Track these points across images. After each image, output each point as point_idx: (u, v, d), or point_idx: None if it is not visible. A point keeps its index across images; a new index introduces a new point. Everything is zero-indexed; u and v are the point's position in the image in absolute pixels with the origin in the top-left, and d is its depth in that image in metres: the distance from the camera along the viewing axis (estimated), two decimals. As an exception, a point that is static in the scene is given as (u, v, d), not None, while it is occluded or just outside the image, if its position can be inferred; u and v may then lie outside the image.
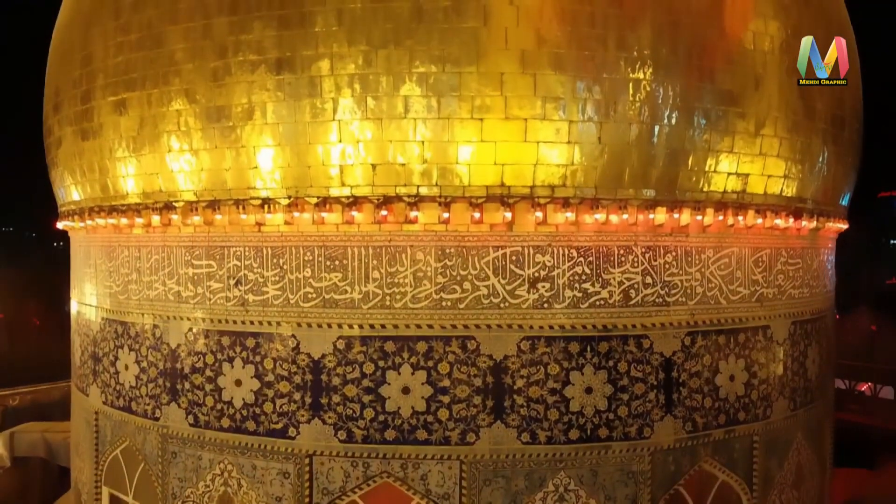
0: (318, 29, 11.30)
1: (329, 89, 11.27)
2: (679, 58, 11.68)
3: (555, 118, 11.23)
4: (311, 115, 11.36)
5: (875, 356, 44.57)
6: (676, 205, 12.06)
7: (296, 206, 11.69)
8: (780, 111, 12.71)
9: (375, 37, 11.14)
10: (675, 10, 11.73)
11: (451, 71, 11.07)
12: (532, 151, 11.26)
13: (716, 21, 12.12)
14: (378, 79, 11.15)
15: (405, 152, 11.23)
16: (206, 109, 11.90)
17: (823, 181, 14.01)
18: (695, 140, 11.95)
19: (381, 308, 11.64)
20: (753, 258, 13.12)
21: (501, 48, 11.08)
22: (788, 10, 12.91)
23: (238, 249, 12.25)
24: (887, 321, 47.61)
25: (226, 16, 11.71)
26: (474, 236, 11.56)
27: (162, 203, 12.72)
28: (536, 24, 11.15)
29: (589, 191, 11.56)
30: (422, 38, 11.09)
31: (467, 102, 11.09)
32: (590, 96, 11.32)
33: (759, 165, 12.64)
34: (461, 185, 11.32)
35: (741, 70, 12.22)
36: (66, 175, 14.84)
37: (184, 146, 12.19)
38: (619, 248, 11.94)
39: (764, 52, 12.50)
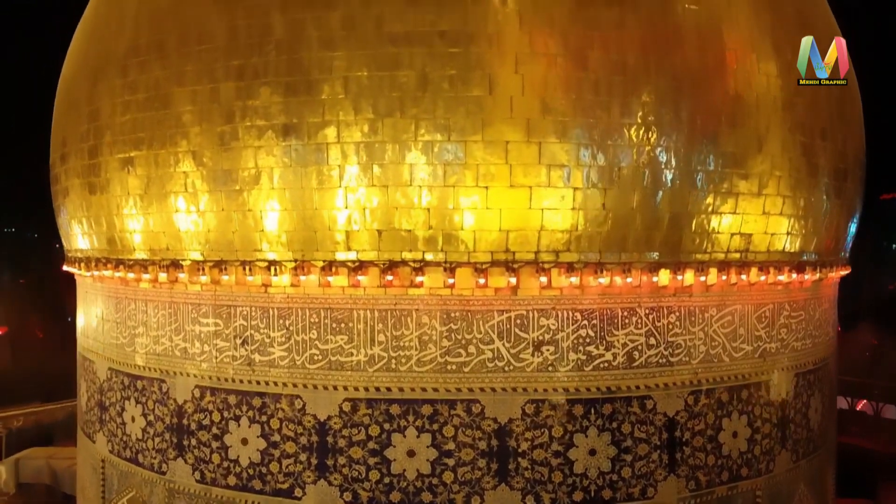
0: (325, 96, 11.39)
1: (335, 156, 11.36)
2: (682, 122, 11.76)
3: (559, 185, 11.31)
4: (317, 182, 11.46)
5: (877, 371, 43.81)
6: (680, 266, 12.14)
7: (302, 270, 11.79)
8: (783, 170, 12.79)
9: (381, 105, 11.23)
10: (678, 74, 11.81)
11: (456, 140, 11.16)
12: (536, 218, 11.35)
13: (718, 83, 12.20)
14: (384, 147, 11.24)
15: (410, 219, 11.32)
16: (213, 172, 12.00)
17: (826, 233, 14.08)
18: (698, 202, 12.04)
19: (386, 371, 11.73)
20: (756, 314, 13.20)
21: (506, 117, 11.17)
22: (791, 67, 12.96)
23: (244, 309, 12.34)
24: (890, 332, 46.64)
25: (233, 81, 11.80)
26: (479, 300, 11.65)
27: (169, 261, 12.81)
28: (541, 93, 11.23)
29: (593, 255, 11.65)
30: (427, 106, 11.17)
31: (472, 171, 11.18)
32: (594, 163, 11.41)
33: (762, 224, 12.72)
34: (466, 250, 11.41)
35: (744, 131, 12.29)
36: (72, 224, 14.94)
37: (191, 207, 12.28)
38: (623, 309, 12.03)
39: (767, 111, 12.58)
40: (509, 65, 11.20)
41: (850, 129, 14.46)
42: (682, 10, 12.08)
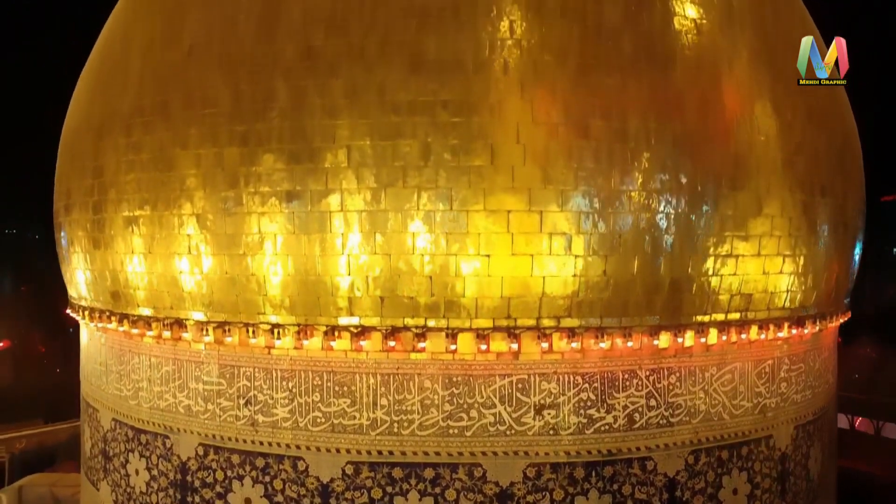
0: (328, 164, 11.47)
1: (338, 224, 11.44)
2: (682, 187, 11.84)
3: (561, 253, 11.40)
4: (320, 249, 11.54)
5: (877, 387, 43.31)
6: (681, 328, 12.23)
7: (305, 334, 11.88)
8: (783, 229, 12.87)
9: (384, 175, 11.31)
10: (678, 140, 11.90)
11: (458, 209, 11.24)
12: (538, 285, 11.43)
13: (719, 147, 12.28)
14: (386, 215, 11.33)
15: (413, 286, 11.41)
16: (216, 236, 12.09)
17: (826, 286, 14.16)
18: (699, 266, 12.12)
19: (389, 435, 11.82)
20: (756, 370, 13.28)
21: (508, 186, 11.25)
22: (791, 127, 13.05)
23: (248, 370, 12.44)
24: (891, 344, 45.95)
25: (237, 146, 11.88)
26: (481, 365, 11.74)
27: (172, 319, 12.90)
28: (542, 162, 11.31)
29: (594, 320, 11.74)
30: (429, 176, 11.26)
31: (474, 239, 11.26)
32: (595, 230, 11.49)
33: (762, 284, 12.79)
34: (468, 317, 11.49)
35: (744, 194, 12.37)
36: (76, 273, 15.04)
37: (194, 269, 12.37)
38: (624, 372, 12.12)
39: (767, 172, 12.66)
40: (511, 134, 11.28)
41: (851, 182, 14.54)
42: (683, 75, 12.14)
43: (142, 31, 13.74)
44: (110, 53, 14.47)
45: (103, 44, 15.05)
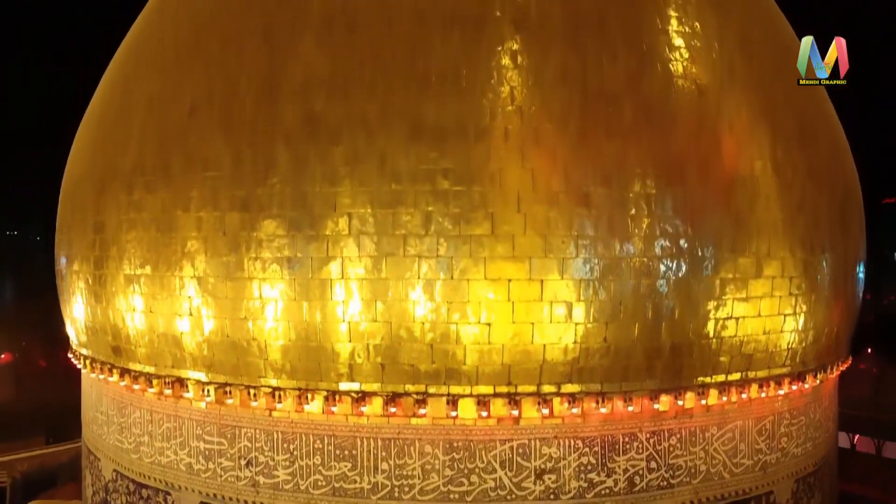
0: (328, 232, 11.49)
1: (339, 292, 11.46)
2: (683, 253, 11.86)
3: (561, 321, 11.41)
4: (321, 316, 11.56)
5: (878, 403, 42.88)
6: (681, 391, 12.24)
7: (305, 398, 11.91)
8: (783, 289, 12.87)
9: (384, 243, 11.33)
10: (680, 206, 11.92)
11: (458, 278, 11.25)
12: (538, 352, 11.45)
13: (720, 211, 12.29)
14: (387, 284, 11.34)
15: (414, 354, 11.43)
16: (217, 300, 12.11)
17: (826, 339, 14.16)
18: (699, 330, 12.13)
19: (389, 499, 11.85)
20: (757, 428, 13.29)
21: (509, 256, 11.27)
22: (792, 186, 13.05)
23: (249, 431, 12.46)
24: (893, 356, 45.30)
25: (237, 211, 11.89)
26: (481, 430, 11.76)
27: (174, 378, 12.92)
28: (543, 231, 11.32)
29: (595, 386, 11.76)
30: (430, 245, 11.27)
31: (475, 308, 11.28)
32: (595, 298, 11.50)
33: (762, 344, 12.80)
34: (468, 383, 11.52)
35: (745, 257, 12.36)
36: (77, 323, 15.06)
37: (196, 331, 12.39)
38: (625, 435, 12.13)
39: (768, 234, 12.65)
40: (511, 203, 11.29)
41: (852, 234, 14.54)
42: (684, 139, 12.15)
43: (143, 86, 13.75)
44: (111, 106, 14.48)
45: (104, 95, 15.05)
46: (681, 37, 12.88)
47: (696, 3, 13.40)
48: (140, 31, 15.05)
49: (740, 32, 13.68)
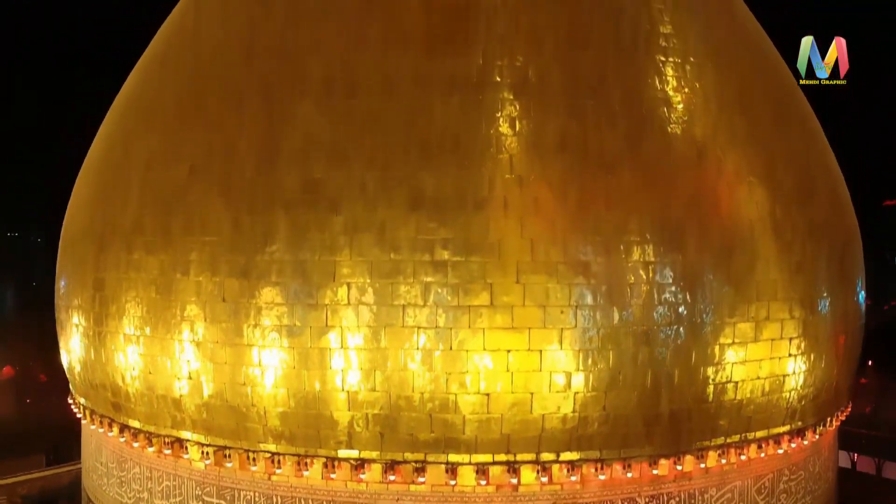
0: (328, 301, 11.50)
1: (338, 361, 11.48)
2: (683, 321, 11.87)
3: (560, 390, 11.42)
4: (320, 384, 11.58)
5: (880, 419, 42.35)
6: (680, 455, 12.24)
7: (305, 464, 11.91)
8: (783, 351, 12.87)
9: (383, 314, 11.34)
10: (678, 272, 11.93)
11: (457, 349, 11.26)
12: (537, 422, 11.47)
13: (719, 275, 12.27)
14: (385, 354, 11.36)
15: (412, 423, 11.45)
16: (217, 365, 12.13)
17: (826, 395, 14.16)
18: (698, 395, 12.14)
19: (389, 565, 11.85)
20: (756, 486, 13.30)
21: (508, 326, 11.27)
22: (791, 246, 13.04)
23: (248, 494, 12.48)
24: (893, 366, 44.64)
25: (237, 278, 11.90)
26: (481, 497, 11.78)
27: (173, 438, 12.93)
28: (542, 302, 11.32)
29: (593, 453, 11.77)
30: (429, 315, 11.28)
31: (474, 378, 11.29)
32: (594, 368, 11.51)
33: (761, 405, 12.81)
34: (468, 452, 11.53)
35: (743, 322, 12.36)
36: (77, 374, 15.08)
37: (195, 395, 12.40)
38: (623, 500, 12.16)
39: (767, 296, 12.64)
40: (511, 274, 11.29)
41: (851, 288, 14.53)
42: (684, 204, 12.15)
43: (142, 142, 13.74)
44: (111, 160, 14.47)
45: (104, 147, 15.04)
46: (680, 97, 12.87)
47: (695, 60, 13.35)
48: (141, 80, 15.04)
49: (739, 87, 13.67)
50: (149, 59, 15.30)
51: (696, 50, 13.53)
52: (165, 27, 15.61)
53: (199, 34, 14.21)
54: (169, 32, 15.19)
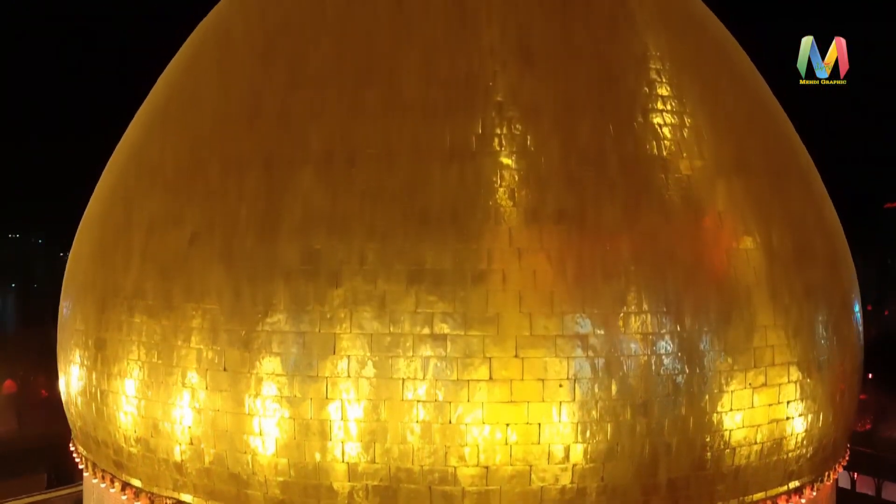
0: (328, 374, 11.64)
1: (338, 433, 11.67)
2: (680, 391, 11.98)
3: (558, 462, 11.54)
4: (320, 455, 11.76)
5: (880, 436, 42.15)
6: (678, 521, 12.32)
7: (305, 533, 11.99)
8: (780, 414, 13.01)
9: (382, 387, 11.48)
10: (676, 345, 12.01)
11: (457, 423, 11.39)
12: (536, 494, 11.61)
13: (716, 346, 12.35)
14: (385, 426, 11.53)
15: (412, 495, 11.63)
16: (218, 433, 12.29)
17: (823, 452, 14.24)
18: (696, 464, 12.22)
19: None
20: (753, 548, 13.36)
21: (507, 401, 11.40)
22: (789, 310, 13.12)
23: (250, 557, 12.56)
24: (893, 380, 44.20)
25: (237, 348, 12.00)
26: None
27: (174, 500, 13.03)
28: (541, 375, 11.43)
29: (592, 522, 11.84)
30: (428, 389, 11.41)
31: (473, 451, 11.43)
32: (593, 440, 11.61)
33: (759, 469, 12.91)
34: (467, 523, 11.60)
35: (742, 391, 12.47)
36: (80, 427, 15.17)
37: (196, 460, 12.52)
38: (622, 566, 12.21)
39: (766, 365, 12.75)
40: (510, 348, 11.39)
41: (848, 347, 14.59)
42: (682, 275, 12.24)
43: (144, 203, 13.81)
44: (112, 220, 14.52)
45: (105, 204, 15.12)
46: (679, 163, 12.94)
47: (693, 123, 13.44)
48: (142, 135, 15.11)
49: (738, 149, 13.75)
50: (150, 112, 15.38)
51: (695, 112, 13.62)
52: (166, 80, 15.70)
53: (199, 94, 14.30)
54: (169, 88, 15.28)
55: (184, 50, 16.09)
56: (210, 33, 15.70)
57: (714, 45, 15.30)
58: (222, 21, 15.68)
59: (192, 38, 16.18)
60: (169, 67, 16.19)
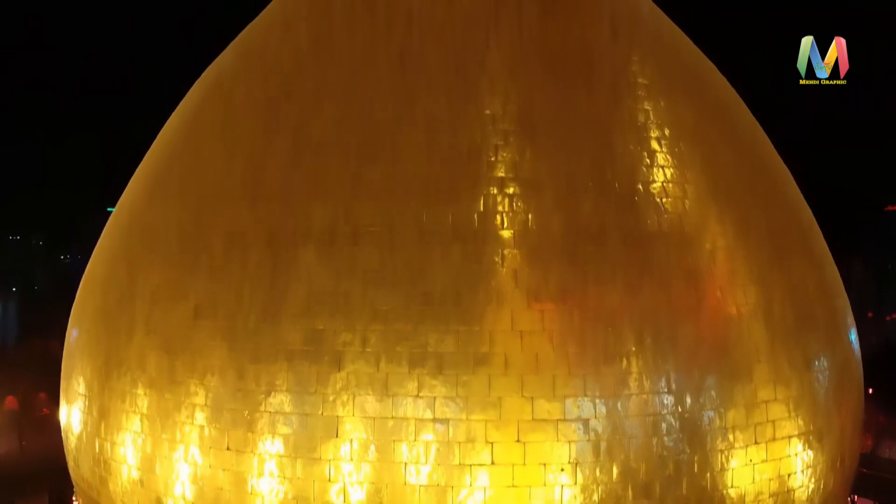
0: (330, 457, 11.70)
1: None
2: (683, 478, 12.04)
3: (559, 518, 11.58)
4: (323, 534, 11.74)
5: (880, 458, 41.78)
6: None
7: None
8: (781, 485, 13.06)
9: (384, 471, 11.60)
10: (677, 428, 12.06)
11: None
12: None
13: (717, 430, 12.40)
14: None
15: (412, 573, 11.60)
16: (217, 511, 12.29)
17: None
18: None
19: None
20: None
21: (508, 485, 11.50)
22: (790, 383, 13.17)
23: None
24: None
25: (241, 430, 12.07)
26: None
27: (177, 571, 13.09)
28: (543, 459, 11.49)
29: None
30: (431, 473, 11.47)
31: (476, 524, 11.45)
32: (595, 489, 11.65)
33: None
34: None
35: (740, 466, 12.50)
36: (80, 485, 15.22)
37: (198, 538, 12.55)
38: None
39: (766, 440, 12.79)
40: (511, 433, 11.46)
41: (850, 410, 14.64)
42: (685, 358, 12.30)
43: (147, 275, 13.84)
44: (115, 285, 14.56)
45: (107, 266, 15.17)
46: (679, 237, 12.99)
47: (695, 194, 13.48)
48: (145, 199, 15.14)
49: (741, 220, 13.77)
50: (152, 175, 15.41)
51: (697, 182, 13.65)
52: (168, 140, 15.73)
53: (201, 162, 14.29)
54: (171, 151, 15.31)
55: (185, 107, 16.11)
56: (212, 92, 15.72)
57: (714, 107, 15.32)
58: (224, 80, 15.69)
59: (193, 94, 16.20)
60: (170, 124, 16.22)
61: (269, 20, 15.86)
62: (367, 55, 13.94)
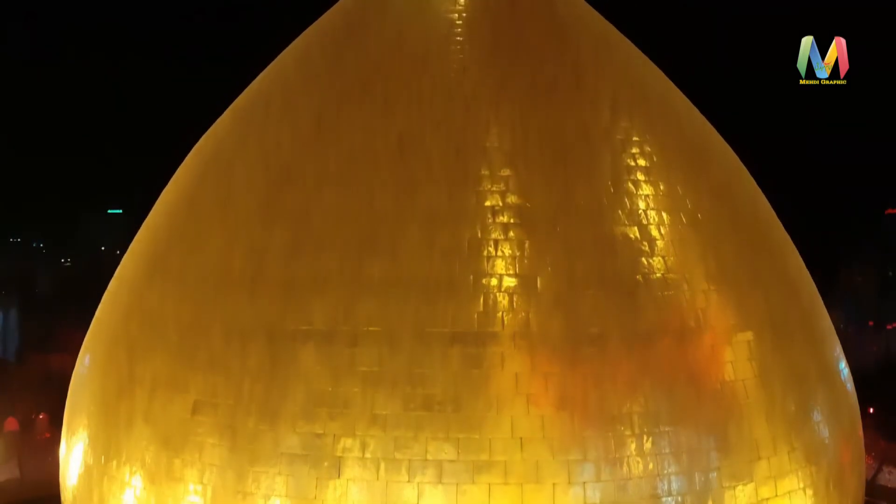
0: (332, 496, 11.69)
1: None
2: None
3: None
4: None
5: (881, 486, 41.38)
6: None
7: None
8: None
9: None
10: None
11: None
12: None
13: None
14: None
15: None
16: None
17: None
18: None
19: None
20: None
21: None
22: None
23: None
24: None
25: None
26: None
27: None
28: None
29: None
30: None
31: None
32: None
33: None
34: None
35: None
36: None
37: None
38: None
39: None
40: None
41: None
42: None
43: (147, 362, 13.80)
44: (114, 371, 14.47)
45: (106, 346, 15.11)
46: (680, 329, 12.97)
47: (694, 284, 13.45)
48: (143, 280, 15.03)
49: (738, 306, 13.73)
50: (149, 255, 15.32)
51: (696, 271, 13.61)
52: (167, 216, 15.66)
53: (201, 246, 14.19)
54: (170, 230, 15.24)
55: (185, 178, 16.04)
56: (210, 167, 15.65)
57: (715, 186, 15.23)
58: (223, 154, 15.62)
59: (191, 164, 16.14)
60: (170, 193, 16.16)
61: (265, 93, 15.79)
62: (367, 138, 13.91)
